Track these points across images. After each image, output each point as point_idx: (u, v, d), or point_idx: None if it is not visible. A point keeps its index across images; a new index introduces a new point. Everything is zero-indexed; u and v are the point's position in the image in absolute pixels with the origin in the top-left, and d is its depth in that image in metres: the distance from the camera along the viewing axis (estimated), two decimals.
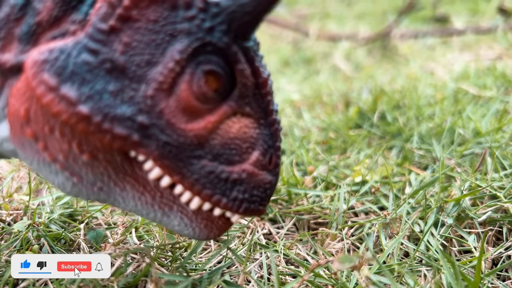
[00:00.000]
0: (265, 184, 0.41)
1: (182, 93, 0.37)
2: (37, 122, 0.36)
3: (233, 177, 0.39)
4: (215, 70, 0.38)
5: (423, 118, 1.00)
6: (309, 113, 1.18)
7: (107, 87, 0.35)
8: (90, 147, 0.36)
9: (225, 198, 0.39)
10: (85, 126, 0.35)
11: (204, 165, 0.38)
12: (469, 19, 2.25)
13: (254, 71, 0.40)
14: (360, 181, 0.74)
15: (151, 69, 0.36)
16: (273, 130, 0.42)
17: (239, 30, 0.38)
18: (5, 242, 0.59)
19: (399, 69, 1.58)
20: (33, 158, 0.39)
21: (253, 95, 0.41)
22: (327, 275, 0.52)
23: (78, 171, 0.38)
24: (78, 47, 0.36)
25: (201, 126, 0.38)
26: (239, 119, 0.40)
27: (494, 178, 0.69)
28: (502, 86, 1.15)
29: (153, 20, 0.37)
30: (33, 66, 0.35)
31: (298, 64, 1.91)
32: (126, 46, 0.36)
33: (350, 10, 2.98)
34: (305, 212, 0.68)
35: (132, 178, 0.38)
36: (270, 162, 0.41)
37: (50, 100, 0.35)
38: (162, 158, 0.37)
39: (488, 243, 0.59)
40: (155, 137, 0.36)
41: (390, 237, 0.60)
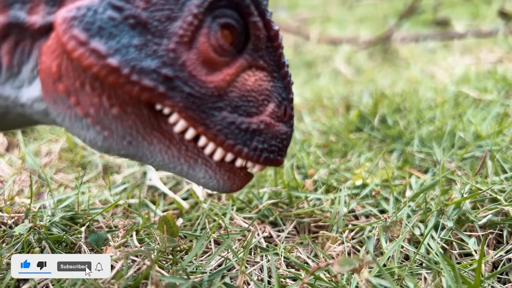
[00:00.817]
0: (282, 134, 0.43)
1: (201, 45, 0.39)
2: (68, 77, 0.38)
3: (252, 128, 0.41)
4: (230, 23, 0.40)
5: (423, 122, 1.00)
6: (309, 117, 1.18)
7: (132, 41, 0.37)
8: (119, 100, 0.38)
9: (246, 148, 0.41)
10: (115, 78, 0.37)
11: (225, 116, 0.40)
12: (470, 22, 2.26)
13: (265, 24, 0.42)
14: (360, 184, 0.74)
15: (171, 24, 0.38)
16: (286, 83, 0.44)
17: None
18: (7, 244, 0.59)
19: (399, 73, 1.59)
20: (65, 114, 0.40)
21: (266, 48, 0.43)
22: (328, 278, 0.52)
23: (109, 124, 0.39)
24: (103, 4, 0.37)
25: (220, 78, 0.40)
26: (254, 72, 0.42)
27: (495, 181, 0.69)
28: (502, 90, 1.15)
29: None
30: (62, 23, 0.37)
31: (299, 68, 1.92)
32: (147, 2, 0.38)
33: (351, 14, 2.98)
34: (305, 215, 0.68)
35: (159, 132, 0.40)
36: (285, 113, 0.43)
37: (80, 53, 0.36)
38: (186, 109, 0.38)
39: (489, 246, 0.59)
40: (179, 88, 0.38)
41: (390, 240, 0.61)
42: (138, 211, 0.68)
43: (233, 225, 0.66)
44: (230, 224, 0.66)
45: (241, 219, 0.67)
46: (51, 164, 0.91)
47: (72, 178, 0.84)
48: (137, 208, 0.70)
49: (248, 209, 0.70)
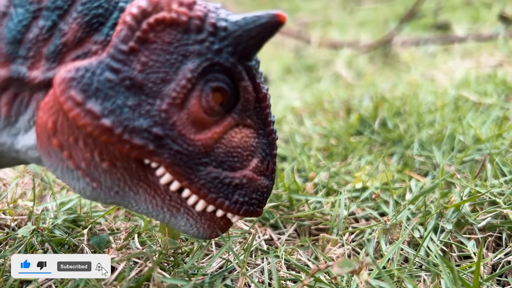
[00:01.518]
0: (263, 188, 0.45)
1: (192, 107, 0.41)
2: (63, 133, 0.40)
3: (235, 182, 0.43)
4: (222, 87, 0.42)
5: (423, 125, 1.01)
6: (310, 120, 1.18)
7: (126, 102, 0.39)
8: (110, 156, 0.40)
9: (227, 201, 0.43)
10: (107, 137, 0.39)
11: (210, 171, 0.42)
12: (470, 26, 2.26)
13: (255, 87, 0.44)
14: (360, 188, 0.74)
15: (165, 86, 0.40)
16: (271, 140, 0.46)
17: (243, 52, 0.42)
18: (10, 247, 0.59)
19: (400, 76, 1.59)
20: (57, 166, 0.42)
21: (254, 108, 0.45)
22: (328, 280, 0.53)
23: (98, 177, 0.41)
24: (102, 66, 0.40)
25: (208, 136, 0.42)
26: (241, 129, 0.44)
27: (494, 185, 0.69)
28: (502, 93, 1.16)
29: (168, 42, 0.41)
30: (61, 83, 0.39)
31: (300, 72, 1.92)
32: (143, 65, 0.40)
33: (352, 18, 2.99)
34: (306, 218, 0.69)
35: (145, 183, 0.42)
36: (267, 168, 0.46)
37: (76, 114, 0.38)
38: (173, 165, 0.41)
39: (488, 249, 0.60)
40: (168, 146, 0.40)
41: (390, 242, 0.61)
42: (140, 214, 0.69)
43: (234, 228, 0.66)
44: (231, 227, 0.66)
45: (242, 221, 0.68)
46: None
47: None
48: None
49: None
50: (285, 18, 0.41)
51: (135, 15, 0.40)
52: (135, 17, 0.40)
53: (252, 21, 0.41)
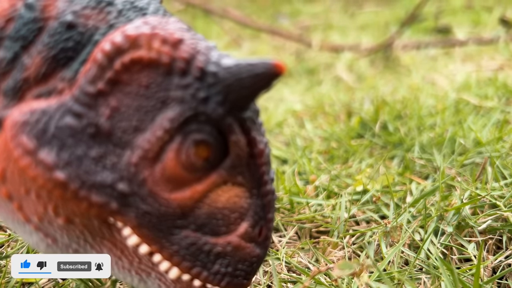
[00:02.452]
0: (252, 257, 0.38)
1: (169, 162, 0.35)
2: (13, 182, 0.35)
3: (216, 250, 0.37)
4: (207, 140, 0.35)
5: (424, 128, 1.01)
6: (311, 123, 1.19)
7: (88, 152, 0.34)
8: (66, 211, 0.34)
9: (205, 271, 0.36)
10: (61, 192, 0.33)
11: (186, 235, 0.36)
12: (471, 30, 2.27)
13: (249, 141, 0.37)
14: (361, 190, 0.75)
15: (138, 136, 0.34)
16: (266, 201, 0.39)
17: (235, 102, 0.35)
18: (11, 249, 0.60)
19: (401, 80, 1.59)
20: (7, 216, 0.38)
21: (247, 165, 0.38)
22: (328, 282, 0.53)
23: (53, 233, 0.37)
24: (62, 110, 0.34)
25: (186, 196, 0.36)
26: (229, 187, 0.37)
27: (494, 187, 0.70)
28: (503, 97, 1.16)
29: (145, 85, 0.35)
30: (12, 128, 0.34)
31: (301, 75, 1.93)
32: (113, 111, 0.34)
33: (353, 21, 3.00)
34: (307, 220, 0.69)
35: (110, 242, 0.37)
36: (260, 234, 0.39)
37: (26, 164, 0.33)
38: (140, 227, 0.35)
39: (488, 251, 0.60)
40: (135, 205, 0.34)
41: (390, 245, 0.61)
42: None
43: None
44: None
45: None
46: None
47: None
48: None
49: None
50: (283, 69, 0.33)
51: (107, 52, 0.34)
52: (107, 54, 0.34)
53: (246, 70, 0.34)
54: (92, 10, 0.37)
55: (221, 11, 2.58)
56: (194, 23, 2.92)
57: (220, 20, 2.65)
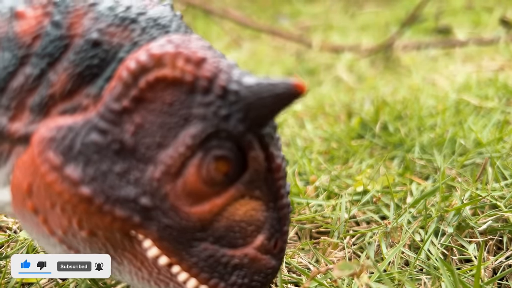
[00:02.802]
0: (267, 269, 0.40)
1: (190, 177, 0.36)
2: (39, 196, 0.36)
3: (234, 262, 0.38)
4: (227, 156, 0.37)
5: (424, 129, 1.01)
6: (311, 124, 1.19)
7: (113, 167, 0.35)
8: (90, 225, 0.35)
9: (223, 282, 0.38)
10: (86, 207, 0.34)
11: (205, 248, 0.37)
12: (471, 30, 2.27)
13: (268, 156, 0.39)
14: (361, 191, 0.75)
15: (161, 152, 0.36)
16: (282, 214, 0.40)
17: (255, 120, 0.36)
18: (11, 249, 0.60)
19: (401, 80, 1.59)
20: (32, 229, 0.39)
21: (264, 179, 0.39)
22: (328, 283, 0.53)
23: (76, 245, 0.38)
24: (88, 127, 0.35)
25: (206, 209, 0.37)
26: (247, 201, 0.39)
27: (495, 188, 0.69)
28: (503, 97, 1.16)
29: (169, 103, 0.36)
30: (39, 143, 0.35)
31: (301, 75, 1.93)
32: (138, 128, 0.35)
33: (353, 22, 3.00)
34: (307, 221, 0.69)
35: (131, 254, 0.38)
36: (275, 246, 0.40)
37: (53, 179, 0.34)
38: (161, 240, 0.36)
39: (489, 252, 0.60)
40: (156, 219, 0.36)
41: (391, 246, 0.61)
42: None
43: None
44: None
45: None
46: None
47: None
48: None
49: None
50: (304, 89, 0.35)
51: (132, 71, 0.35)
52: (133, 72, 0.35)
53: (267, 89, 0.35)
54: (116, 28, 0.38)
55: (221, 12, 2.58)
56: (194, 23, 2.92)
57: (220, 20, 2.65)
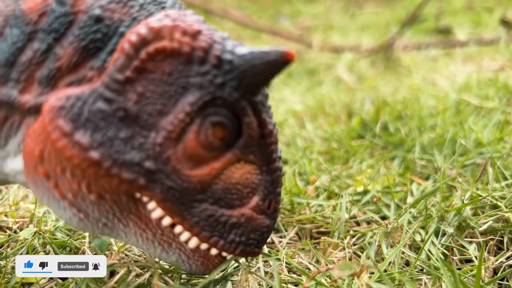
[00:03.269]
0: (263, 228, 0.43)
1: (189, 142, 0.39)
2: (50, 162, 0.38)
3: (232, 221, 0.41)
4: (223, 122, 0.40)
5: (425, 129, 1.01)
6: (312, 124, 1.19)
7: (118, 134, 0.37)
8: (98, 188, 0.38)
9: (222, 240, 0.41)
10: (95, 170, 0.37)
11: (205, 208, 0.40)
12: (471, 30, 2.27)
13: (260, 122, 0.42)
14: (362, 191, 0.74)
15: (162, 119, 0.38)
16: (275, 177, 0.44)
17: (248, 87, 0.39)
18: (11, 249, 0.60)
19: (401, 80, 1.59)
20: (43, 194, 0.41)
21: (258, 144, 0.42)
22: (329, 283, 0.53)
23: (85, 208, 0.40)
24: (94, 95, 0.38)
25: (205, 172, 0.40)
26: (242, 165, 0.42)
27: (495, 188, 0.69)
28: (504, 97, 1.16)
29: (168, 72, 0.38)
30: (50, 112, 0.37)
31: (301, 75, 1.93)
32: (140, 96, 0.38)
33: (353, 22, 3.00)
34: (307, 221, 0.69)
35: (136, 216, 0.40)
36: (269, 207, 0.43)
37: (63, 145, 0.37)
38: (165, 201, 0.39)
39: (489, 252, 0.60)
40: (160, 181, 0.38)
41: (391, 246, 0.61)
42: None
43: None
44: None
45: None
46: None
47: None
48: None
49: None
50: (294, 57, 0.38)
51: (133, 43, 0.38)
52: (134, 45, 0.38)
53: (259, 57, 0.38)
54: (117, 4, 0.41)
55: (221, 12, 2.58)
56: None
57: (221, 20, 2.65)
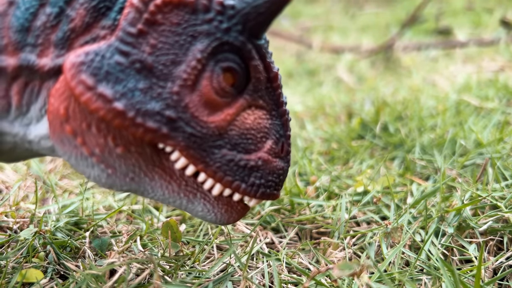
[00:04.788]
0: (279, 170, 0.44)
1: (204, 88, 0.41)
2: (75, 119, 0.40)
3: (250, 164, 0.43)
4: (232, 67, 0.42)
5: (425, 129, 1.01)
6: (312, 124, 1.19)
7: (137, 85, 0.39)
8: (123, 141, 0.40)
9: (244, 184, 0.42)
10: (120, 121, 0.38)
11: (225, 154, 0.42)
12: (471, 31, 2.27)
13: (266, 66, 0.44)
14: (362, 191, 0.75)
15: (175, 68, 0.40)
16: (284, 120, 0.45)
17: (253, 29, 0.41)
18: (12, 249, 0.60)
19: (401, 81, 1.59)
20: (71, 153, 0.42)
21: (266, 89, 0.44)
22: (329, 283, 0.53)
23: (113, 163, 0.41)
24: (111, 49, 0.39)
25: (221, 118, 0.42)
26: (253, 111, 0.44)
27: (495, 188, 0.69)
28: (504, 98, 1.16)
29: (176, 23, 0.40)
30: (71, 68, 0.39)
31: (301, 76, 1.93)
32: (153, 47, 0.40)
33: (354, 22, 3.00)
34: (307, 221, 0.69)
35: (160, 169, 0.42)
36: (282, 149, 0.45)
37: (88, 98, 0.38)
38: (187, 148, 0.40)
39: (489, 252, 0.60)
40: (181, 129, 0.40)
41: (391, 246, 0.61)
42: (142, 217, 0.69)
43: (235, 231, 0.66)
44: (233, 230, 0.67)
45: (243, 225, 0.68)
46: (56, 170, 0.92)
47: (77, 184, 0.85)
48: (141, 214, 0.71)
49: (250, 215, 0.71)
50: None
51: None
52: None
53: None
54: None
55: None
56: None
57: None
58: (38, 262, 0.57)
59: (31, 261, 0.57)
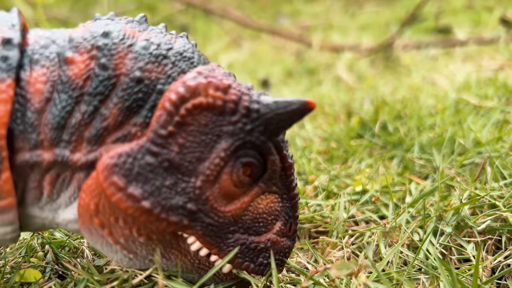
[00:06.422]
0: (285, 249, 0.49)
1: (224, 182, 0.44)
2: (104, 213, 0.43)
3: (260, 247, 0.47)
4: (252, 162, 0.45)
5: (424, 128, 1.01)
6: (311, 123, 1.19)
7: (164, 182, 0.42)
8: (147, 231, 0.43)
9: (252, 264, 0.47)
10: (146, 218, 0.42)
11: (238, 238, 0.46)
12: (471, 30, 2.26)
13: (282, 158, 0.47)
14: (360, 191, 0.75)
15: (200, 164, 0.43)
16: (293, 203, 0.49)
17: (273, 131, 0.45)
18: (10, 249, 0.60)
19: (401, 80, 1.59)
20: (97, 241, 0.45)
21: (280, 176, 0.48)
22: (327, 282, 0.53)
23: (135, 249, 0.45)
24: (142, 151, 0.42)
25: (237, 207, 0.45)
26: (266, 196, 0.47)
27: (494, 188, 0.69)
28: (503, 97, 1.16)
29: (204, 124, 0.43)
30: (104, 170, 0.42)
31: (301, 75, 1.93)
32: (181, 147, 0.43)
33: (353, 21, 3.00)
34: (306, 221, 0.69)
35: (177, 250, 0.46)
36: (289, 229, 0.49)
37: (118, 198, 0.41)
38: (204, 236, 0.44)
39: (488, 252, 0.60)
40: (200, 220, 0.43)
41: (389, 245, 0.61)
42: None
43: None
44: None
45: None
46: None
47: None
48: None
49: None
50: (314, 105, 0.44)
51: (174, 102, 0.42)
52: (174, 103, 0.42)
53: (283, 106, 0.44)
54: (153, 65, 0.45)
55: (221, 11, 2.58)
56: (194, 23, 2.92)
57: (220, 20, 2.65)
58: (36, 262, 0.57)
59: (29, 261, 0.57)
